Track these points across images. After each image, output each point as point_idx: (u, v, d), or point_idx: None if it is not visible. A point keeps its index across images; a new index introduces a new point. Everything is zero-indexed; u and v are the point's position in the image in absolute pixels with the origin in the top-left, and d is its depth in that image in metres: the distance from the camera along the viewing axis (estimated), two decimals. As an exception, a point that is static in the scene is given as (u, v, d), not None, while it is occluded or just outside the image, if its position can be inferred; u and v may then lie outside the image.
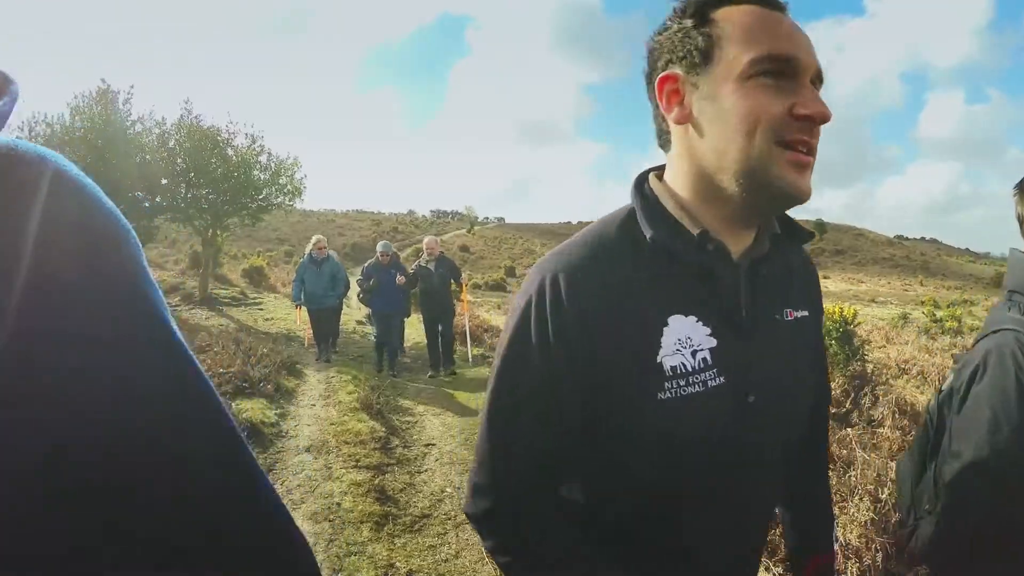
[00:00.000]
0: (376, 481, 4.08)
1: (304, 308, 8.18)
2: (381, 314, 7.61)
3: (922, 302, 25.94)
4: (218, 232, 12.53)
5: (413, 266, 7.74)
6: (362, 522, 3.53)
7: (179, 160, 11.27)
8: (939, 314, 16.43)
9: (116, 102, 10.76)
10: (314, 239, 8.04)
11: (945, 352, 9.48)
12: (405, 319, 8.38)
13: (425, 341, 7.94)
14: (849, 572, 2.83)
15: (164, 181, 11.46)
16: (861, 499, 3.06)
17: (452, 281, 7.70)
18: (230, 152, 11.58)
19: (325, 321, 8.11)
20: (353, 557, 3.18)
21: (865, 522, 2.95)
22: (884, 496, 3.09)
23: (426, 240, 7.83)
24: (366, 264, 7.68)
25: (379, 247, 7.63)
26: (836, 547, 1.16)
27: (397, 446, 4.79)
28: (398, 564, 3.14)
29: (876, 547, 2.86)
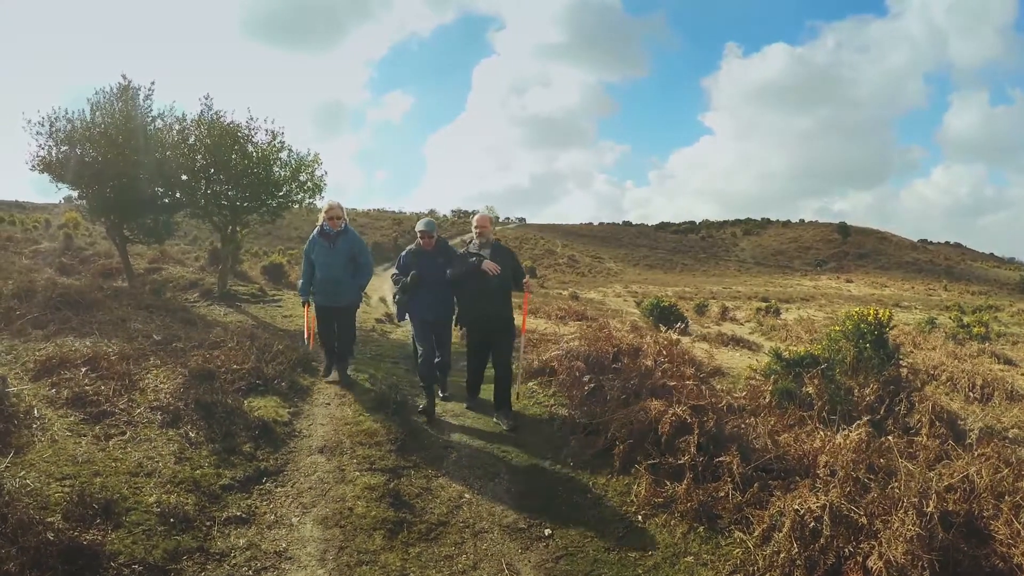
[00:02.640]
0: (391, 485, 3.94)
1: (312, 305, 6.23)
2: (425, 322, 5.57)
3: (947, 307, 25.32)
4: (238, 229, 12.47)
5: (462, 252, 5.63)
6: (375, 529, 3.40)
7: (199, 156, 11.15)
8: (965, 320, 15.97)
9: (137, 98, 10.68)
10: (326, 205, 6.09)
11: (974, 358, 9.17)
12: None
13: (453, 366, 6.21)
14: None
15: (184, 177, 11.37)
16: (906, 512, 2.85)
17: (513, 282, 5.50)
18: (250, 148, 11.46)
19: (340, 324, 6.13)
20: (364, 567, 3.05)
21: (911, 537, 2.74)
22: (929, 509, 2.87)
23: (477, 216, 5.65)
24: (403, 253, 5.69)
25: (419, 225, 5.58)
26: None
27: (414, 447, 4.63)
28: (411, 575, 2.99)
29: (923, 564, 2.65)
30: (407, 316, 5.75)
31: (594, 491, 3.99)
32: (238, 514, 3.40)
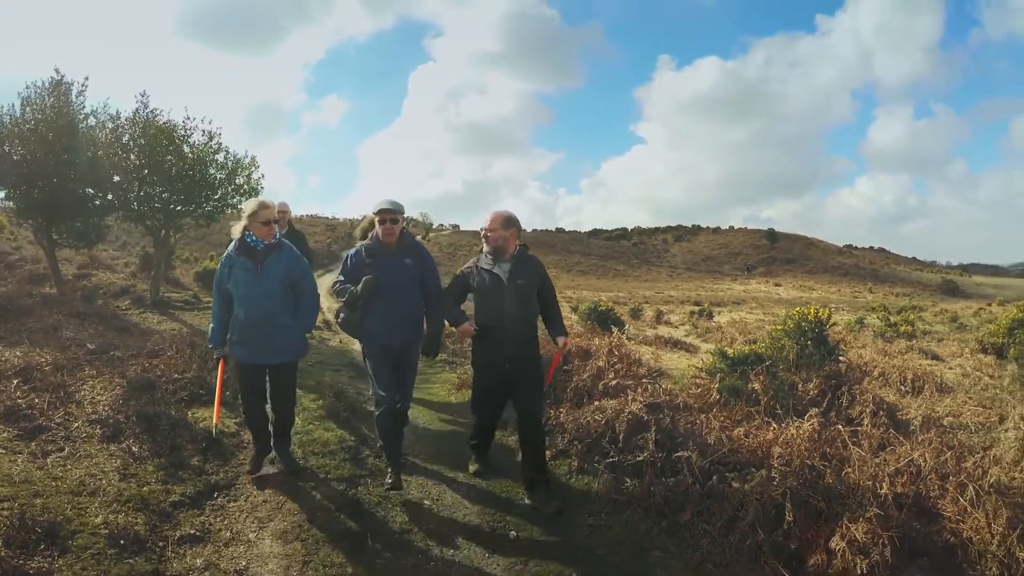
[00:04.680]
0: (350, 494, 3.85)
1: (229, 359, 4.13)
2: (386, 348, 4.02)
3: (872, 308, 26.84)
4: (171, 233, 11.93)
5: (465, 268, 4.19)
6: (338, 541, 3.29)
7: (132, 156, 10.63)
8: (893, 319, 16.94)
9: (69, 94, 10.11)
10: (252, 205, 4.01)
11: (903, 355, 9.73)
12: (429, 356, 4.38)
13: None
14: (858, 567, 2.76)
15: (116, 178, 10.78)
16: (863, 495, 3.00)
17: (538, 304, 4.11)
18: (186, 149, 11.01)
19: (276, 390, 4.12)
20: (333, 580, 2.94)
21: (870, 517, 2.88)
22: (884, 491, 3.03)
23: (490, 216, 4.05)
24: (350, 252, 4.16)
25: (380, 204, 4.02)
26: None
27: (368, 456, 4.52)
28: (381, 586, 2.92)
29: (883, 542, 2.80)
30: (360, 341, 4.34)
31: (555, 492, 3.99)
32: (192, 532, 3.22)
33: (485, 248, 4.07)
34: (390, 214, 3.98)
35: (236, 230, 4.00)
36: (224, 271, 4.00)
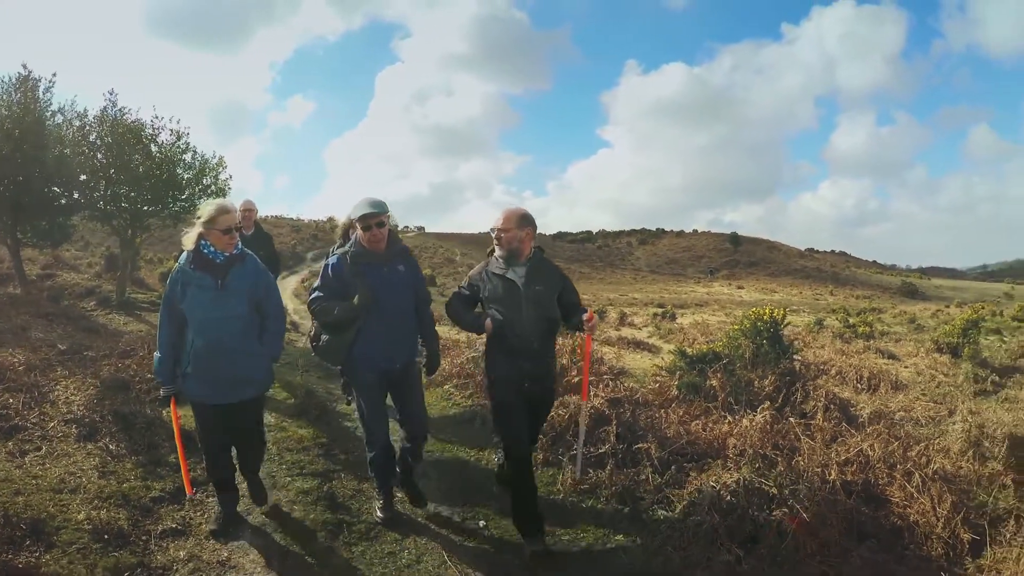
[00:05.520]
0: (325, 488, 3.96)
1: (184, 401, 3.39)
2: (380, 374, 3.49)
3: (833, 310, 27.63)
4: (138, 233, 11.80)
5: (473, 275, 3.63)
6: (315, 531, 3.42)
7: (99, 155, 10.54)
8: (851, 320, 17.57)
9: (37, 90, 10.01)
10: (211, 208, 3.26)
11: (860, 354, 10.17)
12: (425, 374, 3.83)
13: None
14: (808, 546, 3.00)
15: (83, 177, 10.69)
16: (812, 480, 3.26)
17: (560, 317, 3.62)
18: (154, 149, 10.96)
19: (240, 432, 3.51)
20: (313, 569, 3.07)
21: (819, 501, 3.14)
22: (832, 477, 3.29)
23: (503, 214, 3.51)
24: (328, 261, 3.50)
25: (363, 207, 3.37)
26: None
27: (338, 452, 4.66)
28: (360, 572, 3.07)
29: (831, 523, 3.05)
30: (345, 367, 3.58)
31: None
32: (173, 526, 3.32)
33: (497, 251, 3.54)
34: (375, 217, 3.35)
35: (189, 239, 3.28)
36: (175, 289, 3.25)
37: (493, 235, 3.54)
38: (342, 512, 3.68)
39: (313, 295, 3.48)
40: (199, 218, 3.28)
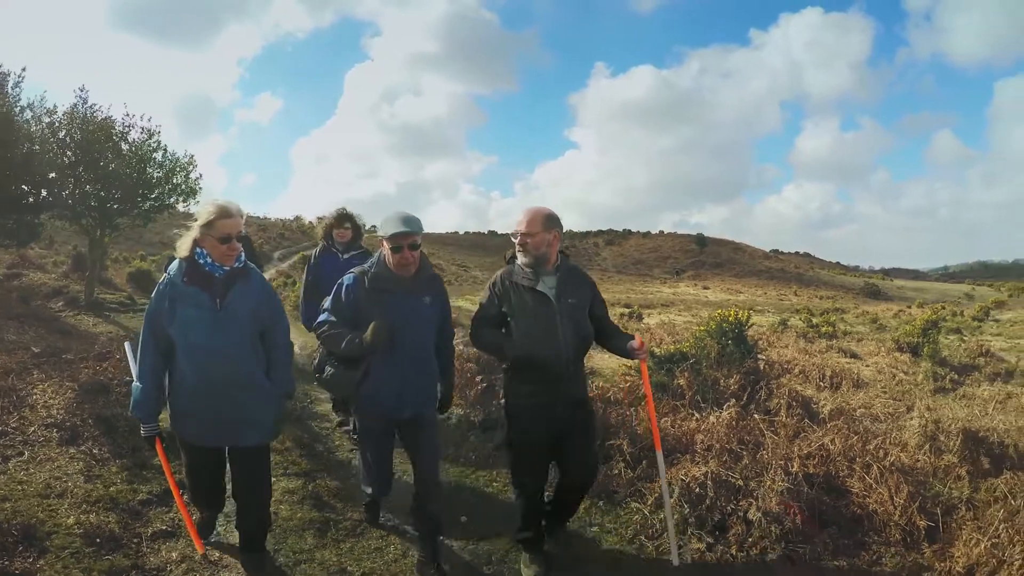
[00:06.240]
0: (309, 487, 4.04)
1: (171, 438, 3.06)
2: (387, 421, 3.08)
3: (797, 310, 28.39)
4: (107, 232, 11.60)
5: (494, 287, 3.14)
6: (304, 529, 3.51)
7: (69, 153, 10.38)
8: (815, 320, 18.14)
9: (5, 85, 9.84)
10: (209, 210, 2.75)
11: (823, 353, 10.56)
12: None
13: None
14: (772, 534, 3.23)
15: (52, 175, 10.52)
16: (775, 472, 3.49)
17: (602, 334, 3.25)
18: (124, 147, 10.81)
19: (244, 481, 2.99)
20: (304, 565, 3.17)
21: (782, 491, 3.37)
22: (794, 469, 3.52)
23: (527, 214, 3.07)
24: (344, 283, 2.99)
25: (394, 224, 2.86)
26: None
27: (322, 451, 4.76)
28: (350, 568, 3.17)
29: (794, 512, 3.28)
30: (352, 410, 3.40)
31: (498, 480, 4.32)
32: (164, 528, 3.36)
33: (521, 258, 3.08)
34: (408, 237, 2.85)
35: (184, 245, 2.74)
36: (162, 306, 2.70)
37: (516, 240, 3.09)
38: (328, 510, 3.77)
39: (321, 317, 3.01)
40: (196, 221, 2.76)
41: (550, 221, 3.07)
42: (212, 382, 2.74)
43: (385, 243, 2.91)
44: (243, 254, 2.86)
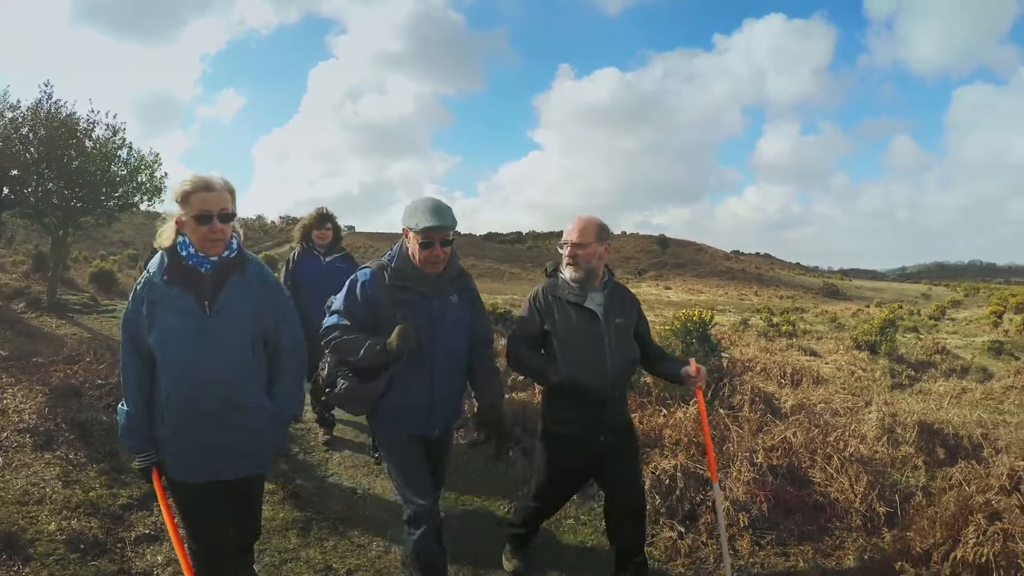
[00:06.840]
0: (289, 488, 4.08)
1: (165, 476, 2.36)
2: (414, 441, 2.65)
3: (758, 310, 29.11)
4: (70, 232, 11.30)
5: (534, 301, 2.90)
6: (287, 529, 3.57)
7: (32, 149, 10.10)
8: (775, 320, 18.67)
9: (-33, 81, 9.42)
10: (184, 185, 2.18)
11: (783, 352, 10.93)
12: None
13: None
14: (740, 522, 3.43)
15: (14, 172, 10.18)
16: (741, 463, 3.69)
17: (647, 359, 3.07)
18: (89, 144, 10.55)
19: (241, 516, 2.57)
20: (290, 564, 3.24)
21: (748, 481, 3.59)
22: (759, 461, 3.74)
23: (579, 224, 2.85)
24: (359, 279, 2.58)
25: (425, 218, 2.46)
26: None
27: (298, 452, 4.80)
28: (335, 566, 3.25)
29: (760, 500, 3.51)
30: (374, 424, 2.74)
31: (474, 476, 4.44)
32: (147, 532, 3.38)
33: (570, 272, 2.82)
34: (440, 232, 2.48)
35: (165, 234, 2.25)
36: (139, 311, 2.20)
37: (564, 251, 2.84)
38: (309, 509, 3.83)
39: (329, 320, 2.57)
40: (175, 198, 2.23)
41: (604, 232, 2.84)
42: (197, 405, 2.22)
43: (412, 236, 2.49)
44: (235, 239, 2.31)
